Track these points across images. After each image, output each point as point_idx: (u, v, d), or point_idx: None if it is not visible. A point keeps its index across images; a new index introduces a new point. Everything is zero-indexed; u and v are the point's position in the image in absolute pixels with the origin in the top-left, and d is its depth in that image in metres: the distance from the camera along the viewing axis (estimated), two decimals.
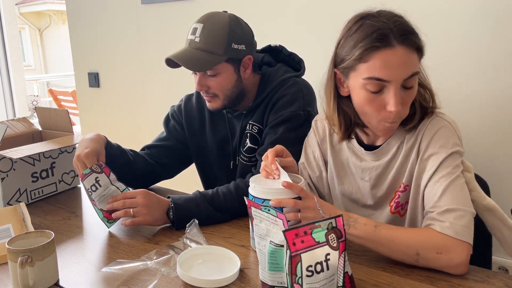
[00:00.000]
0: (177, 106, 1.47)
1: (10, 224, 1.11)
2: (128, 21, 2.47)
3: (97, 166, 1.14)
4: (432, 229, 0.90)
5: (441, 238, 0.89)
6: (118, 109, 2.66)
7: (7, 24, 4.26)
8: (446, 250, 0.88)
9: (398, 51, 0.90)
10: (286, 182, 0.92)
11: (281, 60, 1.39)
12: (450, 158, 0.95)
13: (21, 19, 13.04)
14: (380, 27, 0.91)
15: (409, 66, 0.91)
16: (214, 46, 1.21)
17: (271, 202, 0.91)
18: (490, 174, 1.33)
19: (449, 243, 0.88)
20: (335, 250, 0.71)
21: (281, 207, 0.92)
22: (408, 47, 0.91)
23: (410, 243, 0.90)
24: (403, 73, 0.91)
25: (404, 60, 0.90)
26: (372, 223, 0.93)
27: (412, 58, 0.92)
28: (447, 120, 1.00)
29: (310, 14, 1.82)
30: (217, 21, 1.23)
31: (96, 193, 1.13)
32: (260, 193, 0.94)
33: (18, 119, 1.58)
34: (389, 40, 0.90)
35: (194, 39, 1.22)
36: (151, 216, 1.11)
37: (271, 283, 0.82)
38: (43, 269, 0.87)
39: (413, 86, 0.94)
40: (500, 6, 1.43)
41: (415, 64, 0.93)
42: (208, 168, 1.46)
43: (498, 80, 1.47)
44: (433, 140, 0.98)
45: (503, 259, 1.56)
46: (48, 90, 7.07)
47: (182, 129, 1.45)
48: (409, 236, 0.91)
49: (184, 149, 1.46)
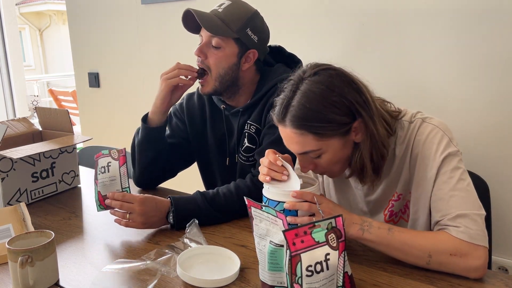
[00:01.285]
0: (179, 104, 1.47)
1: (10, 224, 1.11)
2: (128, 21, 2.47)
3: (116, 151, 1.16)
4: (447, 232, 0.90)
5: (456, 242, 0.88)
6: (118, 109, 2.66)
7: (7, 24, 4.26)
8: (461, 253, 0.87)
9: (287, 129, 0.93)
10: (296, 192, 0.91)
11: (280, 61, 1.39)
12: (445, 163, 0.94)
13: (21, 19, 13.04)
14: (282, 102, 0.95)
15: (300, 145, 0.93)
16: (231, 21, 1.25)
17: (285, 205, 0.91)
18: (490, 175, 1.32)
19: (465, 247, 0.87)
20: (335, 250, 0.71)
21: (296, 210, 0.91)
22: (297, 129, 0.91)
23: (423, 246, 0.89)
24: (296, 149, 0.96)
25: (293, 139, 0.94)
26: (386, 226, 0.92)
27: (302, 138, 0.92)
28: (434, 124, 0.98)
29: (310, 15, 1.82)
30: (245, 5, 1.30)
31: (102, 176, 1.15)
32: (275, 195, 0.93)
33: (18, 119, 1.58)
34: (283, 118, 0.94)
35: (218, 9, 1.27)
36: (145, 224, 1.11)
37: (271, 283, 0.82)
38: (43, 269, 0.87)
39: (320, 156, 0.95)
40: (500, 6, 1.43)
41: (309, 143, 0.92)
42: (208, 165, 1.47)
43: (498, 81, 1.47)
44: (424, 147, 0.96)
45: (503, 259, 1.56)
46: (48, 90, 7.08)
47: (185, 126, 1.45)
48: (422, 238, 0.90)
49: (188, 146, 1.46)
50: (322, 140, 0.92)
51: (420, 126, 0.98)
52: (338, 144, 0.94)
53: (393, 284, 0.86)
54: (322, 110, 0.90)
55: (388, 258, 0.95)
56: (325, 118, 0.90)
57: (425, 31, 1.57)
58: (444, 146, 0.95)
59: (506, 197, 1.52)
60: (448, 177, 0.93)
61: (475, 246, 0.87)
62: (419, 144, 0.97)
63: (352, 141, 0.96)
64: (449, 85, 1.56)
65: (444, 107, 1.57)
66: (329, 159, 0.96)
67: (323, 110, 0.90)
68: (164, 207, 1.14)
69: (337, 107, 0.90)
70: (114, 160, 1.15)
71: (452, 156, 0.94)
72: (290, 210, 0.91)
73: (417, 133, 0.98)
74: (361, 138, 0.95)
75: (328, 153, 0.95)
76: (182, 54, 2.27)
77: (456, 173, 0.93)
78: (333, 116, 0.90)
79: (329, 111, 0.90)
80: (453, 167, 0.94)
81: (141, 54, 2.46)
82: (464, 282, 0.86)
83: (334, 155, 0.95)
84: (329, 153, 0.95)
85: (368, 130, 0.94)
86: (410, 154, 0.99)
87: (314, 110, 0.90)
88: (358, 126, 0.94)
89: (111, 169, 1.15)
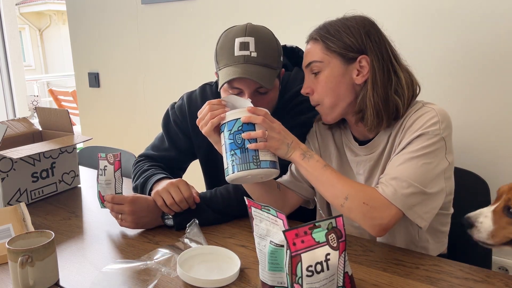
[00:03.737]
0: (178, 108, 1.35)
1: (10, 224, 1.11)
2: (128, 21, 2.47)
3: (112, 156, 1.17)
4: (374, 188, 0.94)
5: (375, 194, 0.92)
6: (118, 109, 2.66)
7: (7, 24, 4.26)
8: (372, 204, 0.91)
9: (308, 44, 1.07)
10: (251, 107, 0.98)
11: (297, 62, 1.32)
12: (419, 138, 0.95)
13: (21, 19, 13.04)
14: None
15: (309, 54, 1.05)
16: (272, 61, 1.12)
17: (242, 118, 0.97)
18: (490, 175, 1.32)
19: (379, 200, 0.91)
20: (335, 250, 0.71)
21: (252, 124, 0.97)
22: (313, 38, 1.05)
23: (346, 188, 0.94)
24: (306, 59, 1.07)
25: (307, 49, 1.06)
26: (323, 162, 0.98)
27: (314, 46, 1.04)
28: (432, 108, 1.00)
29: (311, 15, 1.83)
30: (265, 34, 1.14)
31: (101, 178, 1.18)
32: (231, 114, 0.99)
33: (18, 119, 1.58)
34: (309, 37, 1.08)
35: (250, 55, 1.10)
36: (136, 224, 1.12)
37: (271, 283, 0.82)
38: (43, 269, 0.87)
39: (319, 73, 1.03)
40: (501, 5, 1.43)
41: (316, 53, 1.03)
42: (216, 172, 1.35)
43: (498, 81, 1.47)
44: (413, 124, 0.99)
45: (503, 259, 1.56)
46: (48, 90, 7.08)
47: (186, 137, 1.35)
48: (348, 183, 0.96)
49: (185, 157, 1.39)
50: (327, 53, 1.01)
51: (419, 109, 1.01)
52: (338, 67, 1.01)
53: (393, 284, 0.86)
54: (338, 26, 1.02)
55: (389, 258, 0.95)
56: (337, 34, 1.01)
57: (425, 31, 1.57)
58: (429, 124, 0.96)
59: None
60: (410, 150, 0.95)
61: (388, 204, 0.90)
62: (410, 121, 1.00)
63: (351, 79, 1.02)
64: (448, 85, 1.56)
65: (444, 107, 1.56)
66: (324, 79, 1.02)
67: (339, 27, 1.02)
68: (157, 207, 1.14)
69: (351, 30, 1.01)
70: (110, 165, 1.16)
71: (430, 136, 0.95)
72: (247, 124, 0.97)
73: (413, 114, 1.00)
74: (361, 80, 1.01)
75: (326, 71, 1.02)
76: (182, 54, 2.27)
77: (421, 151, 0.94)
78: (344, 35, 1.01)
79: (343, 30, 1.01)
80: (422, 146, 0.95)
81: (141, 54, 2.46)
82: (464, 282, 0.86)
83: (330, 77, 1.01)
84: (327, 72, 1.02)
85: (374, 70, 0.99)
86: (402, 130, 1.01)
87: (332, 25, 1.03)
88: (363, 64, 1.00)
89: (107, 173, 1.17)
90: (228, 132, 0.98)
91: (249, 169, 0.95)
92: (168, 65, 2.35)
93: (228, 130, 0.98)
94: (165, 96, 2.39)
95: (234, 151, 0.97)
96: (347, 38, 1.00)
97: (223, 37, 1.15)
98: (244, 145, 0.96)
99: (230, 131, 0.98)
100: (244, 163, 0.96)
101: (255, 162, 0.96)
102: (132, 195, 1.14)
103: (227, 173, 0.99)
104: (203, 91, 1.35)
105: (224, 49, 1.12)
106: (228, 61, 1.10)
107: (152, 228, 1.15)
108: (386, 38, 1.04)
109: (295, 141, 0.99)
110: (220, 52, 1.13)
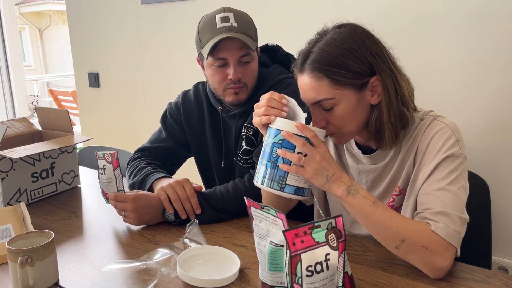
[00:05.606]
0: (175, 104, 1.44)
1: (10, 224, 1.11)
2: (128, 21, 2.47)
3: (109, 155, 1.17)
4: (427, 224, 0.89)
5: (431, 236, 0.87)
6: (118, 109, 2.66)
7: (7, 24, 4.26)
8: (432, 248, 0.86)
9: (305, 75, 0.96)
10: (300, 123, 0.89)
11: (277, 60, 1.37)
12: (445, 162, 0.93)
13: (21, 19, 13.03)
14: (303, 52, 1.01)
15: (314, 91, 0.94)
16: (251, 32, 1.24)
17: (282, 132, 0.89)
18: (490, 175, 1.32)
19: (438, 243, 0.86)
20: (335, 250, 0.71)
21: (289, 143, 0.88)
22: (313, 72, 0.93)
23: (400, 229, 0.87)
24: (311, 96, 0.95)
25: (309, 85, 0.95)
26: (372, 198, 0.90)
27: (318, 83, 0.93)
28: (444, 123, 0.98)
29: (307, 14, 1.83)
30: (242, 12, 1.26)
31: (102, 176, 1.19)
32: (279, 123, 0.91)
33: (18, 119, 1.58)
34: (302, 65, 0.98)
35: (232, 25, 1.19)
36: (139, 221, 1.15)
37: (271, 283, 0.82)
38: (43, 269, 0.87)
39: (333, 108, 0.94)
40: (501, 5, 1.43)
41: (324, 90, 0.93)
42: (208, 165, 1.44)
43: (499, 81, 1.47)
44: (431, 144, 0.96)
45: (503, 259, 1.56)
46: (48, 90, 7.07)
47: (181, 128, 1.42)
48: (401, 222, 0.89)
49: (181, 149, 1.44)
50: (337, 88, 0.92)
51: (430, 123, 0.98)
52: (352, 98, 0.93)
53: (393, 284, 0.86)
54: (340, 55, 0.91)
55: (388, 258, 0.95)
56: (342, 64, 0.90)
57: (425, 31, 1.57)
58: (449, 145, 0.94)
59: (506, 197, 1.52)
60: (442, 177, 0.92)
61: (447, 245, 0.86)
62: (426, 139, 0.97)
63: (367, 102, 0.96)
64: (449, 85, 1.56)
65: (444, 107, 1.56)
66: (341, 113, 0.94)
67: (341, 56, 0.91)
68: (158, 204, 1.16)
69: (355, 55, 0.91)
70: (108, 163, 1.17)
71: (454, 157, 0.93)
72: (286, 140, 0.88)
73: (426, 129, 0.98)
74: (377, 100, 0.95)
75: (341, 105, 0.93)
76: (182, 54, 2.27)
77: (452, 175, 0.92)
78: (351, 64, 0.91)
79: (347, 58, 0.91)
80: (451, 169, 0.93)
81: (141, 54, 2.46)
82: (464, 282, 0.86)
83: (347, 110, 0.94)
84: (342, 106, 0.93)
85: (386, 87, 0.94)
86: (416, 149, 0.99)
87: (332, 55, 0.91)
88: (375, 84, 0.94)
89: (106, 172, 1.17)
90: (269, 139, 0.91)
91: (271, 187, 0.91)
92: (168, 65, 2.35)
93: (269, 137, 0.91)
94: (164, 96, 2.39)
95: (266, 162, 0.91)
96: (355, 66, 0.91)
97: (203, 19, 1.26)
98: (277, 161, 0.90)
99: (272, 139, 0.91)
100: (269, 179, 0.91)
101: (280, 184, 0.90)
102: (134, 193, 1.16)
103: (254, 177, 0.96)
104: (196, 88, 1.44)
105: (205, 27, 1.22)
106: (212, 34, 1.20)
107: (152, 228, 1.15)
108: (382, 44, 0.97)
109: (338, 173, 0.90)
110: (202, 30, 1.23)
